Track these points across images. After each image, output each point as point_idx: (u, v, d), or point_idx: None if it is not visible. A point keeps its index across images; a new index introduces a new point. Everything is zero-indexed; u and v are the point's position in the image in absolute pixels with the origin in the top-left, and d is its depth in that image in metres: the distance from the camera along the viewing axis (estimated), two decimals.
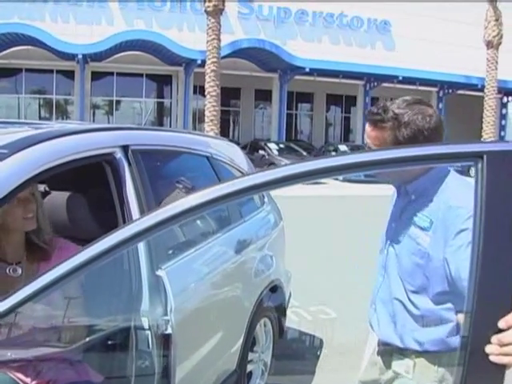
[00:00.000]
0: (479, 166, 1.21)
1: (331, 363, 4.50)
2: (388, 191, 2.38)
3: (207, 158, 3.34)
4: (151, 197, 2.48)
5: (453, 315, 1.94)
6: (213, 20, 21.03)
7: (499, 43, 27.20)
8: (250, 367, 3.54)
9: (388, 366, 2.17)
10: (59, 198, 2.56)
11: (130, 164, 2.40)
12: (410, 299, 2.04)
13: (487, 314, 1.17)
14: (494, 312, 1.17)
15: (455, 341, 1.91)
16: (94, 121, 27.36)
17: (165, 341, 2.33)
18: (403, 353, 2.10)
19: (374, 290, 2.21)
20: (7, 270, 2.20)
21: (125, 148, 2.41)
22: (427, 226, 1.96)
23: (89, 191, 2.64)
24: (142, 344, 2.30)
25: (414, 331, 2.05)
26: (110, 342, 2.28)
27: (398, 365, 2.12)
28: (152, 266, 2.37)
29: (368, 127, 2.10)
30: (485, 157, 1.20)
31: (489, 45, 27.39)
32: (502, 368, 1.15)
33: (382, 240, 2.19)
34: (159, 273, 2.37)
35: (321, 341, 5.00)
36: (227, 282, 3.14)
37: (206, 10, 21.18)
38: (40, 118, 27.05)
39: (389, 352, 2.16)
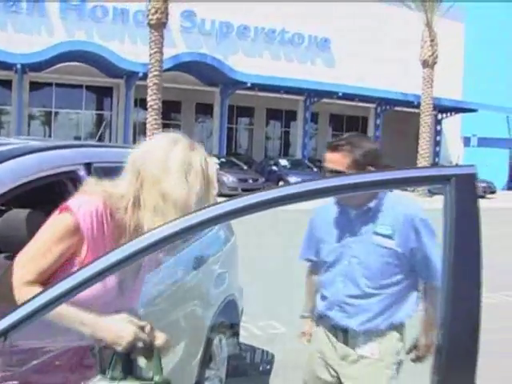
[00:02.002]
0: (447, 188, 1.31)
1: (283, 378, 4.56)
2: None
3: None
4: None
5: (408, 298, 2.68)
6: (155, 33, 20.99)
7: (434, 62, 28.13)
8: None
9: (352, 351, 2.67)
10: (19, 215, 2.53)
11: None
12: (374, 294, 2.63)
13: (459, 323, 1.26)
14: (463, 322, 1.26)
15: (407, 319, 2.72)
16: (29, 132, 26.70)
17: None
18: (369, 336, 2.65)
19: (335, 295, 2.70)
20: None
21: (88, 165, 2.40)
22: (390, 233, 2.58)
23: (50, 208, 2.62)
24: (107, 359, 2.30)
25: (376, 318, 2.63)
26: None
27: (363, 349, 2.66)
28: None
29: (329, 154, 2.64)
30: (452, 180, 1.30)
31: (424, 64, 28.29)
32: None
33: (334, 254, 2.70)
34: None
35: (272, 355, 5.05)
36: (183, 299, 3.17)
37: (148, 23, 21.13)
38: None
39: (354, 340, 2.67)
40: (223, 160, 24.96)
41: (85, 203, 1.86)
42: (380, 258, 2.60)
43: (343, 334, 2.70)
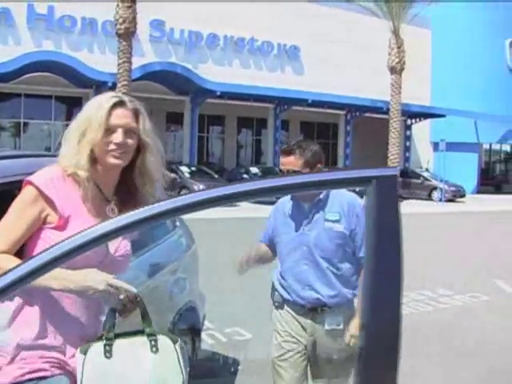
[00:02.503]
0: (369, 189, 1.35)
1: (249, 380, 4.59)
2: None
3: None
4: None
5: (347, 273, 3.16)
6: (124, 43, 20.90)
7: (402, 69, 28.48)
8: None
9: (322, 325, 3.13)
10: None
11: None
12: (333, 272, 3.11)
13: (380, 324, 1.30)
14: (384, 323, 1.31)
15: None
16: None
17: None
18: (335, 311, 3.12)
19: (302, 277, 3.12)
20: (107, 210, 2.08)
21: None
22: (338, 219, 3.09)
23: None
24: None
25: (339, 293, 3.11)
26: None
27: (330, 322, 3.12)
28: None
29: (284, 158, 3.09)
30: (374, 181, 1.35)
31: (392, 70, 28.63)
32: None
33: (294, 242, 3.14)
34: None
35: (237, 362, 5.07)
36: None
37: (117, 33, 21.04)
38: None
39: (322, 316, 3.13)
40: (194, 169, 24.96)
41: (43, 173, 2.01)
42: (332, 240, 3.09)
43: (312, 312, 3.14)
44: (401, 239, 1.35)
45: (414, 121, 35.40)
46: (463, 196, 31.22)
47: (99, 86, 25.24)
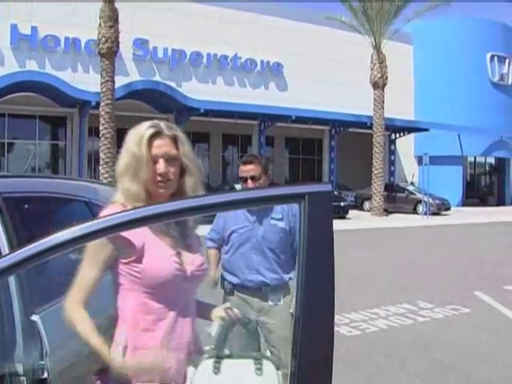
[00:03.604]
0: (302, 205, 1.38)
1: None
2: None
3: (86, 203, 3.38)
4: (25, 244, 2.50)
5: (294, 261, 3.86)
6: (107, 62, 20.95)
7: (384, 84, 28.77)
8: None
9: (266, 304, 3.86)
10: None
11: (1, 211, 2.42)
12: (276, 260, 3.87)
13: (312, 345, 1.32)
14: (316, 344, 1.33)
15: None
16: None
17: None
18: (276, 290, 3.87)
19: (251, 264, 3.85)
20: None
21: None
22: (281, 217, 3.88)
23: None
24: None
25: (281, 276, 3.88)
26: None
27: (273, 299, 3.86)
28: (26, 311, 2.39)
29: (246, 166, 3.85)
30: (306, 197, 1.38)
31: (375, 85, 28.91)
32: None
33: (245, 236, 3.87)
34: (34, 318, 2.39)
35: None
36: (109, 324, 3.16)
37: (99, 52, 21.10)
38: None
39: (267, 295, 3.86)
40: None
41: (106, 214, 2.01)
42: (277, 234, 3.87)
43: (259, 292, 3.86)
44: (333, 255, 1.37)
45: (397, 135, 35.64)
46: (448, 209, 31.39)
47: (83, 105, 25.30)
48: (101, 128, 20.92)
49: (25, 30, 25.52)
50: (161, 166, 2.06)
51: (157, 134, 2.09)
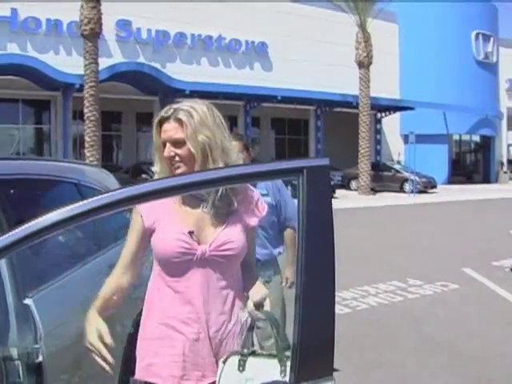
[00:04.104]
0: (300, 179, 1.36)
1: None
2: None
3: (75, 184, 3.35)
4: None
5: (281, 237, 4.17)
6: (90, 44, 20.72)
7: (370, 63, 28.71)
8: None
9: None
10: None
11: None
12: (265, 236, 3.98)
13: (313, 320, 1.31)
14: (317, 318, 1.31)
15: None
16: None
17: (36, 370, 2.32)
18: (267, 265, 3.98)
19: None
20: (201, 207, 2.10)
21: None
22: (266, 193, 3.96)
23: None
24: (12, 375, 2.28)
25: (270, 251, 4.03)
26: None
27: (264, 275, 3.81)
28: (19, 295, 2.36)
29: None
30: (304, 171, 1.36)
31: (360, 64, 28.84)
32: None
33: None
34: (27, 301, 2.37)
35: None
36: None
37: (82, 34, 20.85)
38: None
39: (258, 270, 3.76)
40: None
41: None
42: None
43: None
44: (333, 228, 1.36)
45: (383, 114, 35.67)
46: (434, 187, 31.55)
47: (67, 88, 25.04)
48: (85, 111, 20.74)
49: (4, 11, 25.10)
50: (166, 149, 2.08)
51: (165, 119, 2.10)
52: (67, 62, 24.94)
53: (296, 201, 4.04)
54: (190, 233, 2.03)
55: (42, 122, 29.14)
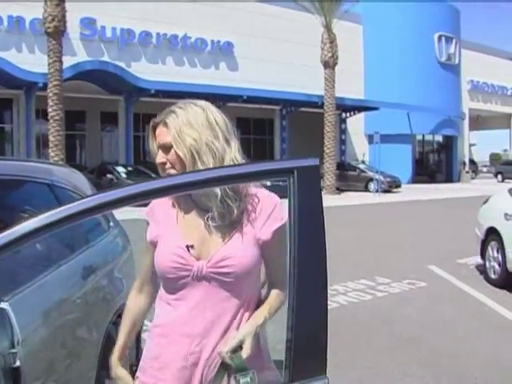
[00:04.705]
0: (291, 179, 1.36)
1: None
2: None
3: (48, 185, 3.29)
4: None
5: None
6: (54, 41, 20.42)
7: (335, 63, 28.90)
8: None
9: None
10: None
11: None
12: None
13: (306, 318, 1.31)
14: (310, 317, 1.32)
15: None
16: None
17: (13, 374, 2.29)
18: None
19: None
20: (205, 218, 1.86)
21: None
22: None
23: None
24: None
25: None
26: None
27: None
28: None
29: None
30: (295, 172, 1.36)
31: (326, 65, 29.01)
32: None
33: None
34: (2, 305, 2.32)
35: None
36: (78, 309, 3.11)
37: (46, 31, 20.54)
38: None
39: None
40: (130, 169, 24.60)
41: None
42: None
43: None
44: (324, 228, 1.36)
45: (348, 114, 35.95)
46: (399, 186, 31.95)
47: (29, 87, 24.63)
48: (49, 110, 20.46)
49: None
50: (157, 156, 1.97)
51: (157, 124, 1.99)
52: (30, 60, 24.55)
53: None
54: (189, 247, 1.84)
55: (3, 121, 28.61)
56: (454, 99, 40.81)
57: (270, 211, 1.83)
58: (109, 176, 23.25)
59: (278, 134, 34.71)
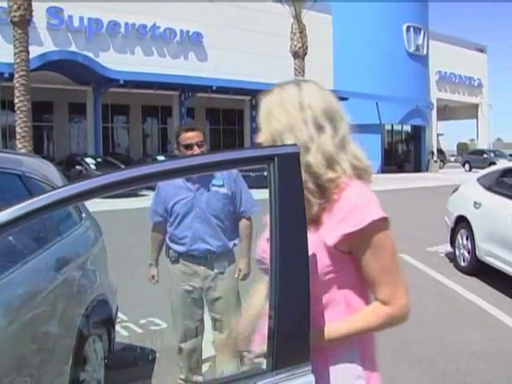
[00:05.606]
0: (271, 166, 1.35)
1: (165, 373, 4.55)
2: None
3: (19, 176, 3.23)
4: None
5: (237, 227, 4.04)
6: (20, 31, 20.00)
7: (305, 53, 28.87)
8: None
9: (211, 270, 3.94)
10: None
11: None
12: (220, 226, 3.91)
13: (289, 306, 1.30)
14: (293, 305, 1.31)
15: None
16: None
17: None
18: (221, 257, 3.94)
19: (196, 233, 3.88)
20: None
21: None
22: (222, 184, 3.91)
23: None
24: None
25: (225, 243, 3.94)
26: None
27: (218, 266, 3.95)
28: None
29: (188, 133, 3.87)
30: (276, 158, 1.35)
31: (295, 55, 28.97)
32: None
33: (188, 205, 3.88)
34: None
35: (153, 352, 5.01)
36: (50, 302, 3.06)
37: (11, 20, 20.12)
38: None
39: (212, 262, 3.93)
40: (99, 160, 24.33)
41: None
42: (220, 200, 3.91)
43: (205, 260, 3.92)
44: (305, 216, 1.35)
45: None
46: None
47: None
48: (16, 101, 20.06)
49: None
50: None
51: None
52: None
53: (250, 191, 3.98)
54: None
55: None
56: (422, 89, 41.18)
57: (344, 214, 1.64)
58: (78, 167, 22.97)
59: (248, 124, 34.68)
